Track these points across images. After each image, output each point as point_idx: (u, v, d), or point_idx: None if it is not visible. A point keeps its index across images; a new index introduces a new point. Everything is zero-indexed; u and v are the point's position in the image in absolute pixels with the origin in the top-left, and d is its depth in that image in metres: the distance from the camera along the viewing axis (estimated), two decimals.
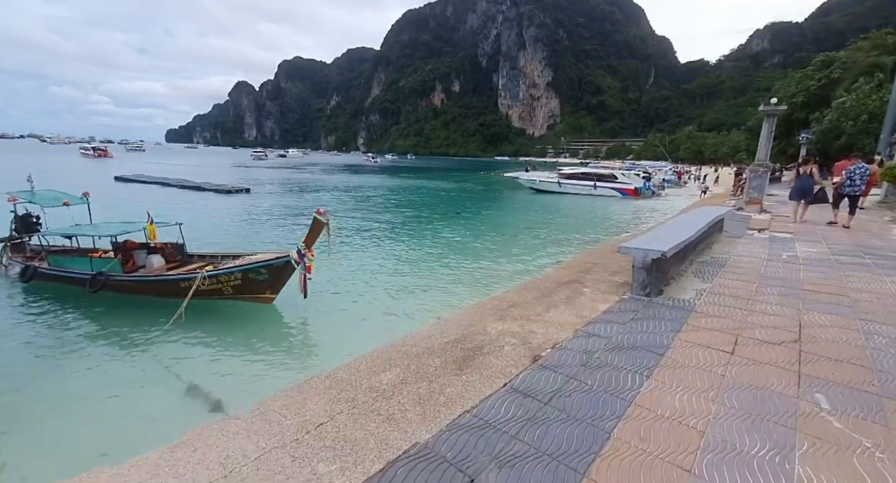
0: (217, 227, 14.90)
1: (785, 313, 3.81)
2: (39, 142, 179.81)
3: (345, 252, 11.52)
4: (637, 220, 18.70)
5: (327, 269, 9.54)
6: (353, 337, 6.44)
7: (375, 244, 12.58)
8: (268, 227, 15.16)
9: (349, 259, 10.76)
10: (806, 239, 7.62)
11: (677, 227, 5.47)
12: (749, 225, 9.13)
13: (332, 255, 7.09)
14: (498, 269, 9.57)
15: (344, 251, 11.62)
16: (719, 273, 5.19)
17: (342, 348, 6.11)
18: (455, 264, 10.15)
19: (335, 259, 10.42)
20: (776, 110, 10.90)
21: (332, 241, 7.56)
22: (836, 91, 25.30)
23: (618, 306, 3.98)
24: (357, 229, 14.95)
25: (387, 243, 12.64)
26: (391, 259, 10.81)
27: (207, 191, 27.24)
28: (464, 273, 9.37)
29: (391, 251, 11.71)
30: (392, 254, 11.40)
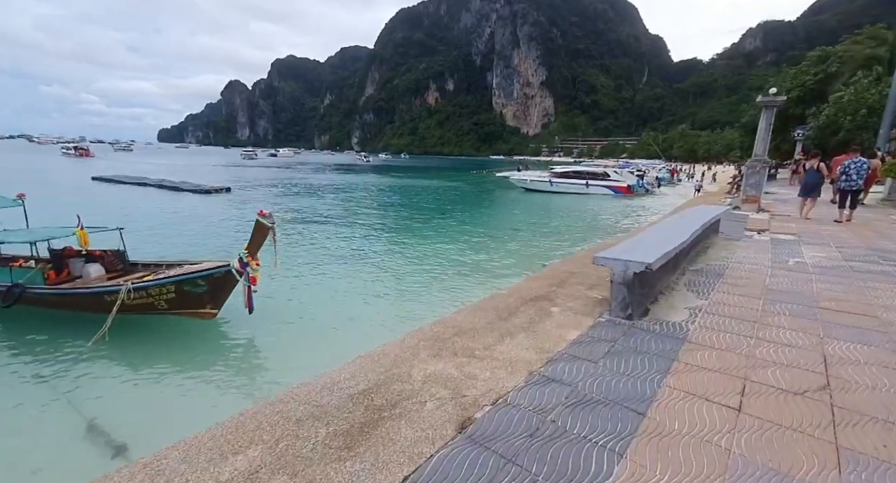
0: (186, 230, 13.93)
1: (802, 343, 2.98)
2: (28, 142, 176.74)
3: (312, 257, 10.62)
4: (629, 220, 17.95)
5: (285, 278, 8.65)
6: (301, 360, 5.58)
7: (349, 248, 11.69)
8: (241, 229, 14.20)
9: (315, 265, 9.87)
10: (812, 241, 6.83)
11: (667, 231, 4.64)
12: (747, 225, 8.33)
13: (280, 264, 6.20)
14: (470, 279, 8.74)
15: (311, 256, 10.72)
16: (717, 285, 4.36)
17: (287, 374, 5.23)
18: (428, 272, 9.29)
19: (295, 268, 9.53)
20: (775, 101, 10.13)
21: (281, 248, 6.71)
22: (833, 86, 24.71)
23: (591, 334, 3.14)
24: (331, 232, 14.03)
25: (361, 247, 11.75)
26: (363, 265, 9.93)
27: (186, 191, 26.24)
28: (435, 282, 8.52)
29: (364, 256, 10.82)
30: (365, 259, 10.52)
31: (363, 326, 6.84)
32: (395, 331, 6.23)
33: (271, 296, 7.72)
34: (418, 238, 13.17)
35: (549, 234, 14.23)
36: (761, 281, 4.52)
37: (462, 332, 3.17)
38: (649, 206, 24.27)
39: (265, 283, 8.26)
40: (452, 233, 14.19)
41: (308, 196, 26.20)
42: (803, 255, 5.81)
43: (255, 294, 6.38)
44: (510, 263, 9.97)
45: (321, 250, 11.39)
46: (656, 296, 3.92)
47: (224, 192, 26.48)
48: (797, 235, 7.37)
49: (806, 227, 8.32)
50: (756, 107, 34.27)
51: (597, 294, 4.06)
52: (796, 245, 6.49)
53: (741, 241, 6.78)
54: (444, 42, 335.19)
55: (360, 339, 6.12)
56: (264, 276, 8.63)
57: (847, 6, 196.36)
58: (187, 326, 6.55)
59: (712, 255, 5.75)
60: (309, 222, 15.87)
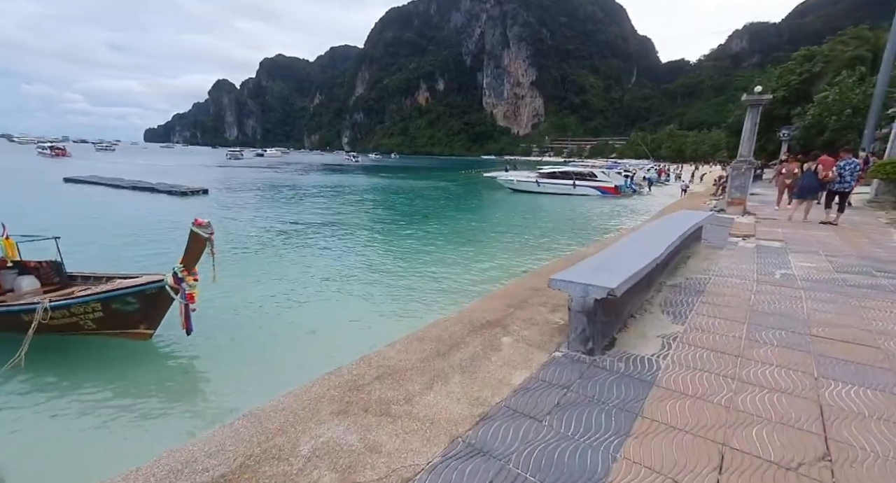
0: (153, 236, 13.10)
1: (794, 386, 2.46)
2: (8, 141, 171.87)
3: (278, 266, 9.96)
4: (615, 221, 17.55)
5: (242, 290, 7.99)
6: (250, 384, 4.98)
7: (319, 256, 11.03)
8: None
9: (280, 275, 9.21)
10: (800, 249, 6.38)
11: (641, 243, 4.12)
12: (732, 230, 7.90)
13: (217, 279, 5.56)
14: (444, 291, 8.16)
15: (277, 265, 10.06)
16: (696, 305, 3.85)
17: (233, 399, 4.64)
18: (401, 283, 8.69)
19: (255, 276, 8.87)
20: (760, 100, 9.73)
21: (240, 258, 6.08)
22: (818, 86, 24.61)
23: (542, 375, 2.59)
24: (304, 238, 13.33)
25: (334, 256, 11.10)
26: (333, 275, 9.28)
27: (161, 193, 25.33)
28: (407, 296, 7.93)
29: (336, 266, 10.18)
30: (336, 269, 9.88)
31: (320, 345, 6.25)
32: (351, 350, 5.65)
33: (225, 310, 7.10)
34: (396, 245, 12.56)
35: (533, 238, 13.74)
36: (745, 299, 4.02)
37: (387, 373, 2.59)
38: (636, 206, 23.97)
39: (218, 295, 7.63)
40: (433, 238, 13.62)
41: (287, 198, 25.41)
42: (791, 265, 5.35)
43: (195, 312, 5.76)
44: (488, 272, 9.43)
45: (289, 258, 10.73)
46: (625, 320, 3.39)
47: (201, 194, 25.61)
48: (784, 242, 6.93)
49: (793, 233, 7.90)
50: (741, 106, 34.28)
51: (559, 318, 3.52)
52: (783, 254, 6.04)
53: (725, 249, 6.31)
54: (435, 42, 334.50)
55: (315, 360, 5.53)
56: (217, 288, 8.01)
57: (830, 9, 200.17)
58: (120, 349, 5.90)
59: (693, 266, 5.26)
60: (282, 227, 15.17)
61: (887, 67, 18.87)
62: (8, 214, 8.29)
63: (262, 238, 12.86)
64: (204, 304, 6.95)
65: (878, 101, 19.75)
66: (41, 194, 23.73)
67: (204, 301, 6.92)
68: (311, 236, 13.45)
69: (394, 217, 18.66)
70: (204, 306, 6.92)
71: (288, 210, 19.59)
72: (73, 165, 46.44)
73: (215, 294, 7.52)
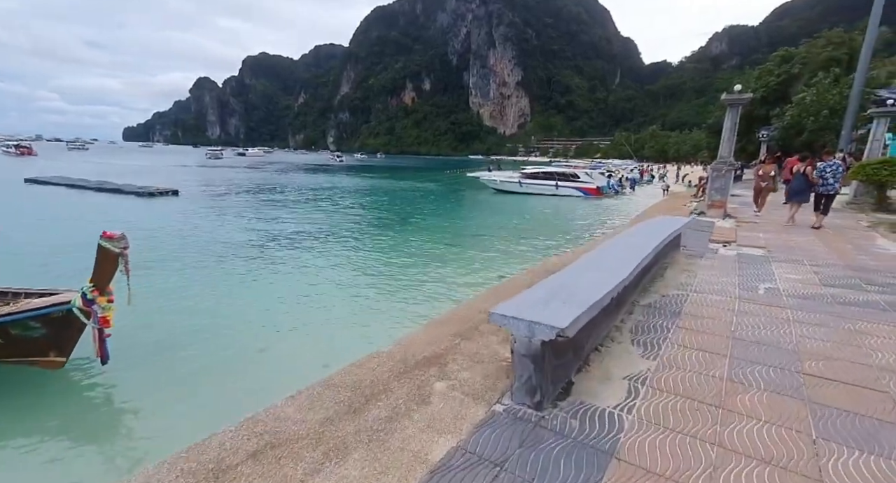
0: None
1: (788, 455, 1.93)
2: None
3: (232, 275, 9.21)
4: (595, 222, 17.18)
5: (186, 306, 7.24)
6: (167, 428, 4.28)
7: (280, 264, 10.30)
8: (173, 241, 12.54)
9: (230, 285, 8.46)
10: (783, 257, 5.96)
11: (611, 258, 3.59)
12: (712, 236, 7.48)
13: (132, 300, 4.84)
14: (409, 305, 7.56)
15: (231, 274, 9.30)
16: (671, 331, 3.33)
17: (139, 455, 3.94)
18: (368, 294, 8.05)
19: (202, 287, 8.12)
20: (740, 99, 9.38)
21: (182, 270, 5.35)
22: (796, 86, 24.81)
23: (473, 444, 2.00)
24: (268, 244, 12.53)
25: (297, 265, 10.36)
26: (292, 286, 8.58)
27: (128, 194, 24.14)
28: (372, 309, 7.30)
29: (297, 275, 9.47)
30: (296, 278, 9.17)
31: (267, 366, 5.61)
32: (302, 370, 5.02)
33: (164, 330, 6.38)
34: (368, 253, 11.89)
35: (511, 243, 13.24)
36: (727, 322, 3.51)
37: (270, 446, 1.98)
38: (617, 207, 23.75)
39: (159, 312, 6.90)
40: (408, 245, 12.99)
41: (261, 200, 24.46)
42: (775, 277, 4.89)
43: (119, 336, 5.06)
44: (460, 280, 8.86)
45: (247, 268, 9.97)
46: (587, 356, 2.84)
47: (170, 195, 24.48)
48: (766, 249, 6.52)
49: (775, 238, 7.52)
50: (721, 107, 34.50)
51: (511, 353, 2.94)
52: (766, 263, 5.60)
53: (705, 257, 5.85)
54: (421, 41, 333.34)
55: (258, 385, 4.89)
56: (159, 306, 7.25)
57: (807, 13, 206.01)
58: (26, 379, 5.14)
59: (670, 278, 4.76)
60: (246, 234, 14.35)
61: (863, 68, 18.96)
62: None
63: (222, 246, 12.04)
64: (138, 325, 6.23)
65: (854, 102, 19.84)
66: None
67: (138, 321, 6.21)
68: (275, 244, 12.67)
69: (370, 221, 17.96)
70: (138, 327, 6.20)
71: (258, 213, 18.73)
72: (38, 165, 44.42)
73: (154, 313, 6.79)
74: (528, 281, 4.69)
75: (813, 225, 8.45)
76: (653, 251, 3.96)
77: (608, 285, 2.75)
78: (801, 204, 8.88)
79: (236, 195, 26.72)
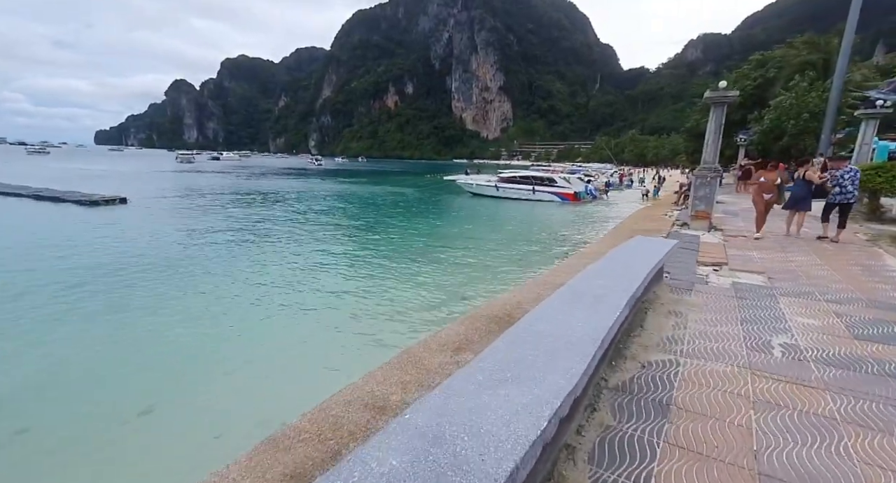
0: (23, 259, 10.34)
1: None
2: None
3: (125, 310, 7.60)
4: (570, 232, 16.04)
5: (52, 355, 5.65)
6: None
7: (209, 289, 8.73)
8: (101, 258, 10.76)
9: (134, 322, 6.87)
10: (789, 288, 4.77)
11: (574, 322, 2.26)
12: (699, 256, 6.30)
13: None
14: (354, 341, 6.16)
15: (125, 309, 7.70)
16: (656, 458, 2.01)
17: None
18: (297, 334, 6.61)
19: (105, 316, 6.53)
20: (725, 97, 8.31)
21: (71, 302, 3.86)
22: (773, 90, 24.38)
23: None
24: (209, 261, 10.90)
25: (224, 290, 8.82)
26: (207, 324, 7.06)
27: (68, 202, 22.04)
28: (296, 354, 5.86)
29: (215, 305, 7.93)
30: (215, 310, 7.64)
31: (146, 438, 4.13)
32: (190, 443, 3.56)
33: (24, 384, 4.83)
34: (322, 270, 10.41)
35: (484, 250, 11.96)
36: (744, 432, 2.20)
37: None
38: (594, 214, 22.79)
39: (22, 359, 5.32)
40: (369, 259, 11.56)
41: (217, 208, 22.62)
42: (789, 325, 3.66)
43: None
44: (415, 316, 7.49)
45: (161, 298, 8.39)
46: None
47: (117, 203, 22.43)
48: (766, 275, 5.33)
49: (771, 258, 6.39)
50: (701, 109, 33.98)
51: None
52: (771, 299, 4.39)
53: (694, 291, 4.61)
54: (403, 45, 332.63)
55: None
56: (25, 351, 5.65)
57: (776, 22, 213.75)
58: None
59: (653, 330, 3.48)
60: (183, 250, 12.68)
61: (842, 71, 18.45)
62: None
63: (150, 266, 10.36)
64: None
65: (833, 105, 19.37)
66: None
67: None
68: (215, 261, 11.06)
69: (332, 231, 16.41)
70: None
71: (207, 223, 16.98)
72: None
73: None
74: (483, 327, 3.37)
75: (831, 238, 7.48)
76: (627, 304, 2.67)
77: (562, 391, 1.42)
78: (803, 213, 7.82)
79: (193, 202, 24.77)
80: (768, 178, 7.91)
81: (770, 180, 7.94)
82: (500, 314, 3.77)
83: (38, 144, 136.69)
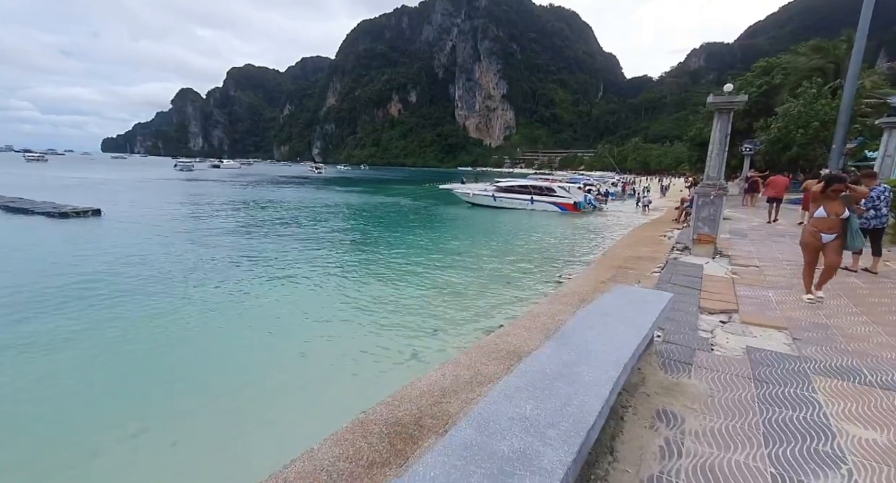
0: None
1: None
2: None
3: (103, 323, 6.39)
4: (568, 250, 14.75)
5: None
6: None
7: (157, 318, 7.51)
8: (44, 282, 9.60)
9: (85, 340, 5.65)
10: (828, 364, 3.51)
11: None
12: (702, 300, 5.05)
13: None
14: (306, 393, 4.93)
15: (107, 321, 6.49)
16: None
17: None
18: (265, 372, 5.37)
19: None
20: (732, 102, 7.11)
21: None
22: (779, 97, 23.21)
23: None
24: (166, 286, 9.68)
25: (174, 321, 7.61)
26: (141, 359, 5.85)
27: (37, 214, 21.03)
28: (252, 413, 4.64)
29: (173, 322, 6.74)
30: (157, 344, 6.44)
31: None
32: None
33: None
34: (290, 295, 9.22)
35: (475, 269, 10.73)
36: None
37: None
38: (595, 226, 21.51)
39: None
40: (340, 282, 10.35)
41: (197, 219, 21.54)
42: (837, 443, 2.40)
43: None
44: (381, 364, 6.26)
45: (81, 321, 7.21)
46: None
47: (90, 215, 21.42)
48: (789, 333, 4.08)
49: (794, 302, 5.13)
50: (705, 115, 32.81)
51: None
52: (803, 382, 3.13)
53: (694, 366, 3.37)
54: (407, 54, 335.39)
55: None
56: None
57: (777, 32, 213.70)
58: None
59: (628, 455, 2.25)
60: (144, 270, 11.52)
61: (854, 76, 17.27)
62: None
63: (92, 289, 9.20)
64: None
65: (844, 114, 18.13)
66: None
67: None
68: (167, 284, 9.89)
69: (313, 248, 15.14)
70: None
71: (180, 239, 15.85)
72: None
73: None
74: (467, 375, 2.15)
75: (860, 269, 6.29)
76: (602, 409, 1.46)
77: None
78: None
79: (174, 213, 23.72)
80: (831, 209, 4.81)
81: (835, 212, 4.81)
82: (407, 421, 2.55)
83: (38, 153, 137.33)
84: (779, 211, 13.59)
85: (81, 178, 52.45)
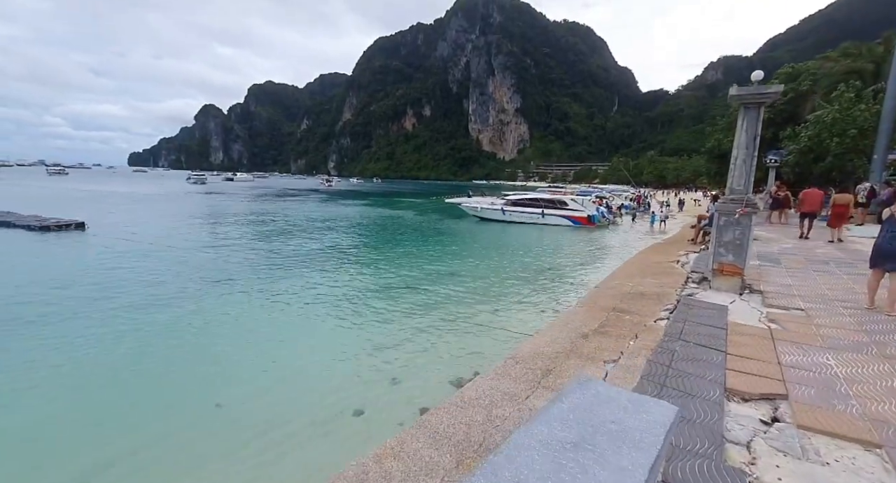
0: None
1: None
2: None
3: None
4: (582, 269, 13.06)
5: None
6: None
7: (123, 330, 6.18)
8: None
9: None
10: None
11: None
12: (729, 372, 3.41)
13: None
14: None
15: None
16: None
17: None
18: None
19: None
20: (763, 94, 5.48)
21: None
22: (807, 104, 21.25)
23: None
24: (133, 306, 8.41)
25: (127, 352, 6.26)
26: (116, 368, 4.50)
27: (18, 227, 20.45)
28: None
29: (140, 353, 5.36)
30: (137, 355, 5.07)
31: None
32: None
33: None
34: (268, 328, 7.86)
35: (479, 291, 9.19)
36: None
37: None
38: (609, 242, 19.72)
39: None
40: (327, 309, 8.95)
41: (181, 233, 20.57)
42: None
43: None
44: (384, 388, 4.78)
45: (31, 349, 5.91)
46: None
47: (72, 228, 20.71)
48: (885, 448, 2.44)
49: (871, 374, 3.45)
50: (724, 126, 30.74)
51: None
52: None
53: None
54: (422, 70, 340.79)
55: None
56: None
57: (798, 44, 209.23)
58: None
59: None
60: (107, 293, 10.34)
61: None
62: None
63: (48, 312, 7.99)
64: None
65: (887, 121, 16.13)
66: None
67: None
68: (129, 309, 8.63)
69: (304, 270, 13.74)
70: None
71: (163, 255, 14.71)
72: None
73: None
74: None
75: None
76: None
77: None
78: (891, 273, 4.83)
79: (168, 227, 22.82)
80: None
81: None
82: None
83: (61, 166, 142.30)
84: (812, 227, 11.85)
85: (92, 191, 53.05)
